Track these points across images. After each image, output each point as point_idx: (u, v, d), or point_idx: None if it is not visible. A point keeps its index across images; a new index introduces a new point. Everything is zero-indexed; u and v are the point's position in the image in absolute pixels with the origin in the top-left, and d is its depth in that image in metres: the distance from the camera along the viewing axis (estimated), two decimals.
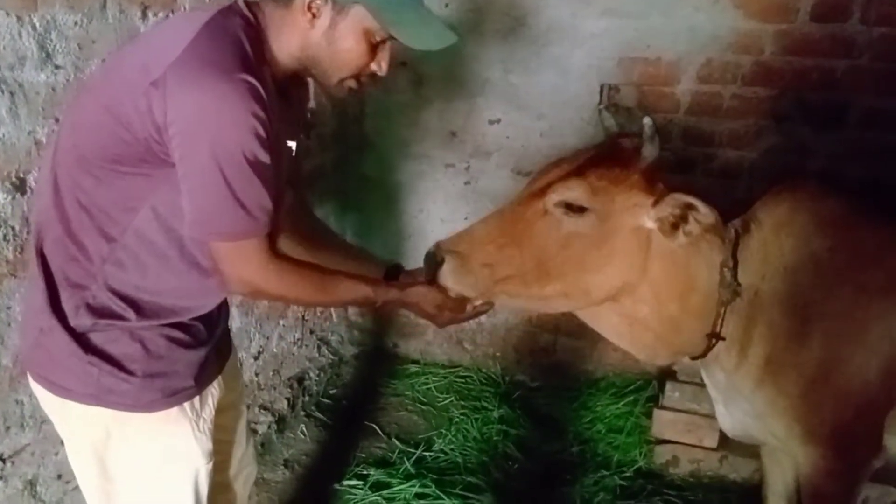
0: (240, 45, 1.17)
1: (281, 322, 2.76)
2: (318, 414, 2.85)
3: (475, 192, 2.99)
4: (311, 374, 2.99)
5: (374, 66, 1.30)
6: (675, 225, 1.43)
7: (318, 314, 3.06)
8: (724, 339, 1.60)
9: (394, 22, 1.24)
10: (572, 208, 1.44)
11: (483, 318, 3.24)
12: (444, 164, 3.00)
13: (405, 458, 2.59)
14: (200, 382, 1.35)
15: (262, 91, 1.13)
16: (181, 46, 1.13)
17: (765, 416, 1.68)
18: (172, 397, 1.30)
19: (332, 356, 3.13)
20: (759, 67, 2.49)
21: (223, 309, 1.45)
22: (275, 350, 2.75)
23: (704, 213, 1.40)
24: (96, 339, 1.25)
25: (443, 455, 2.65)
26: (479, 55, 2.82)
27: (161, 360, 1.28)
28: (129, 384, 1.25)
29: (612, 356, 3.07)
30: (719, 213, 1.44)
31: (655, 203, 1.44)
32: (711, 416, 2.52)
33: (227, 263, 1.23)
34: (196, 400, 1.34)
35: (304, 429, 2.74)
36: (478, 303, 1.51)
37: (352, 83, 1.32)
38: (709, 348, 1.62)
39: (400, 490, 2.43)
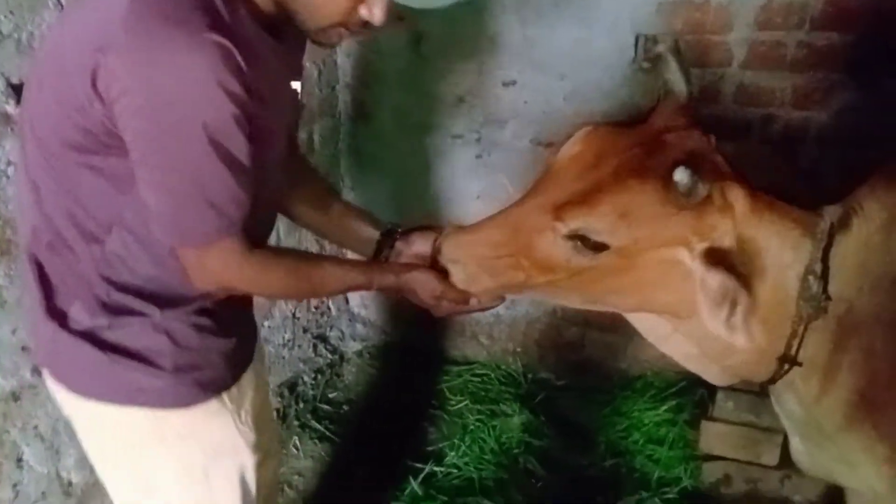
0: None
1: (266, 324, 2.43)
2: (313, 423, 2.54)
3: (488, 167, 2.61)
4: (306, 378, 2.67)
5: (363, 13, 1.08)
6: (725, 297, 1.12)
7: (313, 309, 2.73)
8: (800, 364, 1.23)
9: None
10: (587, 242, 1.15)
11: (501, 308, 2.86)
12: (450, 136, 2.61)
13: (411, 477, 2.28)
14: (236, 370, 1.27)
15: (234, 52, 0.95)
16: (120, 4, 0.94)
17: (858, 465, 1.33)
18: (209, 388, 1.22)
19: (330, 355, 2.81)
20: (832, 7, 2.05)
21: None
22: None
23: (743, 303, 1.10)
24: (114, 336, 1.14)
25: (455, 471, 2.34)
26: (488, 5, 2.40)
27: (192, 352, 1.18)
28: (160, 379, 1.16)
29: (649, 352, 2.68)
30: (808, 200, 1.12)
31: (708, 257, 1.13)
32: (772, 430, 2.16)
33: (196, 268, 1.10)
34: (234, 389, 1.26)
35: (297, 442, 2.43)
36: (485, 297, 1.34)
37: (341, 31, 1.13)
38: (779, 374, 1.27)
39: None
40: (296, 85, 1.23)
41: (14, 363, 1.51)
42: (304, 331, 2.69)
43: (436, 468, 2.32)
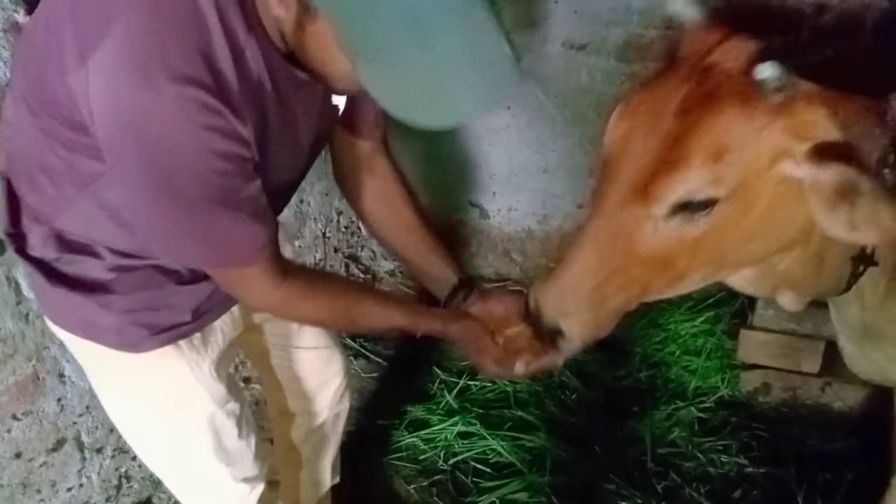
0: (195, 19, 0.87)
1: (296, 243, 2.41)
2: (348, 341, 2.55)
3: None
4: None
5: None
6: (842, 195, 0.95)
7: (343, 229, 2.70)
8: (876, 264, 1.14)
9: (369, 57, 0.89)
10: (693, 207, 0.99)
11: (533, 223, 2.87)
12: None
13: (446, 391, 2.30)
14: (201, 318, 1.18)
15: (212, 102, 0.88)
16: (115, 17, 0.87)
17: None
18: (163, 335, 1.14)
19: (363, 274, 2.80)
20: None
21: None
22: None
23: (869, 196, 0.91)
24: (64, 268, 1.09)
25: (490, 384, 2.34)
26: None
27: (146, 293, 1.11)
28: (110, 318, 1.10)
29: None
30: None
31: (815, 155, 0.95)
32: (813, 337, 2.11)
33: (225, 287, 1.09)
34: (196, 338, 1.19)
35: None
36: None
37: None
38: (855, 277, 1.16)
39: (441, 430, 2.17)
40: (338, 100, 1.15)
41: None
42: (336, 250, 2.68)
43: (470, 382, 2.33)
